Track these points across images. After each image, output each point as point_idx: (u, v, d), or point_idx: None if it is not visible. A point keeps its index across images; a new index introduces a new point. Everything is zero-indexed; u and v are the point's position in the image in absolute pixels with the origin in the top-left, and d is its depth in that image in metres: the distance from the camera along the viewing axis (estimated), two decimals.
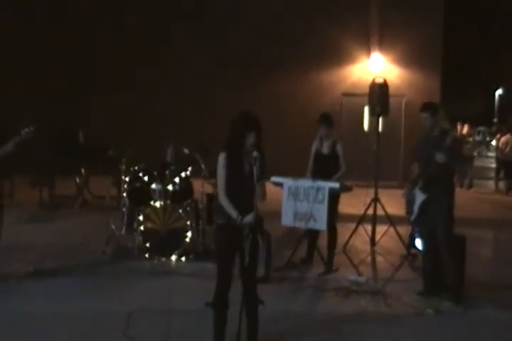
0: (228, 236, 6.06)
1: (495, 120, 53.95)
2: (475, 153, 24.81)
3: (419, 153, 8.53)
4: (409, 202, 8.48)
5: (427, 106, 8.49)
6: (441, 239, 8.11)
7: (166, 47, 20.39)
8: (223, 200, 6.07)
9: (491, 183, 22.75)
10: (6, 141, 8.35)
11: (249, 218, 5.88)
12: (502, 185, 21.78)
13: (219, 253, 6.28)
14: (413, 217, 8.45)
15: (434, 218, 8.17)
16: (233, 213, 5.96)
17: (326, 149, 9.75)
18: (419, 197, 8.24)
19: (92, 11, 20.28)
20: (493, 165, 23.45)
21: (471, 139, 23.24)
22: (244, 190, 5.97)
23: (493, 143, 25.27)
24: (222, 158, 6.08)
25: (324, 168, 9.63)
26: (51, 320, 7.22)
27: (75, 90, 19.94)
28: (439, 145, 8.08)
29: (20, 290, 8.28)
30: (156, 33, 20.41)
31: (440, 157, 7.99)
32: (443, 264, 8.17)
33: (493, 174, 23.06)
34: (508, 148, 21.10)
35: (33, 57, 19.84)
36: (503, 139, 21.49)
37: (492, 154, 24.60)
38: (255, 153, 5.94)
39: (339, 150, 9.69)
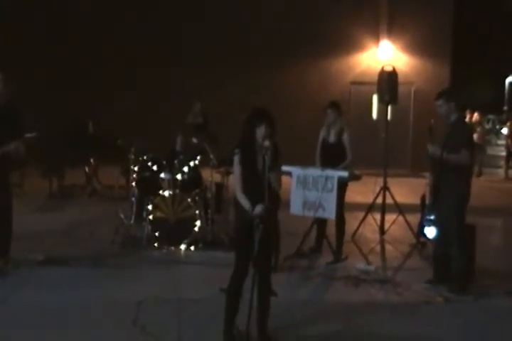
0: (245, 227, 6.13)
1: (505, 108, 53.82)
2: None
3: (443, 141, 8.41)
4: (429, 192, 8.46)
5: (440, 94, 8.42)
6: (453, 228, 8.09)
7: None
8: (239, 195, 6.17)
9: (501, 171, 22.69)
10: (21, 131, 8.45)
11: (258, 209, 5.94)
12: None
13: (237, 243, 6.41)
14: (429, 207, 8.43)
15: (447, 207, 8.14)
16: (246, 205, 6.06)
17: (332, 137, 9.72)
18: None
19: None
20: (503, 154, 23.37)
21: (480, 128, 23.15)
22: (259, 184, 6.01)
23: (503, 131, 25.17)
24: (236, 155, 6.19)
25: (331, 156, 9.61)
26: (62, 309, 7.24)
27: (87, 81, 19.95)
28: (460, 135, 8.03)
29: (32, 280, 8.30)
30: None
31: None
32: (451, 254, 8.16)
33: (502, 162, 23.00)
34: None
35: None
36: None
37: (502, 142, 24.51)
38: (267, 143, 5.97)
39: (346, 138, 9.65)
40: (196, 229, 10.01)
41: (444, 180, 8.11)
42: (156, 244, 9.94)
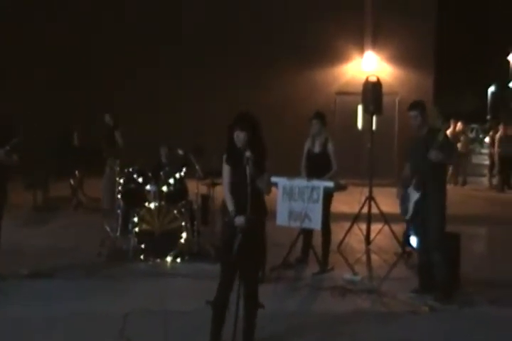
0: (230, 235, 6.13)
1: (488, 117, 54.25)
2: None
3: (410, 153, 8.56)
4: (403, 202, 8.50)
5: (415, 105, 8.51)
6: (433, 238, 8.14)
7: (166, 49, 20.44)
8: (226, 197, 6.22)
9: (485, 180, 22.81)
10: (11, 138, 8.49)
11: (240, 220, 5.99)
12: (496, 181, 21.78)
13: (222, 252, 6.41)
14: (408, 216, 8.46)
15: (426, 217, 8.19)
16: (230, 207, 6.12)
17: (317, 148, 9.77)
18: (414, 196, 8.25)
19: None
20: (487, 162, 23.48)
21: (463, 137, 23.29)
22: (242, 190, 6.03)
23: (486, 140, 25.36)
24: (223, 159, 6.28)
25: (316, 167, 9.66)
26: (47, 322, 7.22)
27: (75, 90, 19.96)
28: (430, 143, 8.08)
29: (16, 293, 8.28)
30: (156, 33, 20.48)
31: (434, 154, 8.01)
32: (433, 261, 8.21)
33: (486, 171, 23.11)
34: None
35: (34, 55, 19.87)
36: (497, 136, 21.54)
37: (485, 151, 24.68)
38: (248, 153, 5.99)
39: (330, 149, 9.70)
40: (182, 241, 10.01)
41: (427, 189, 8.17)
42: (142, 257, 9.93)
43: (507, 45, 53.02)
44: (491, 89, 61.41)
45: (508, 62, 56.56)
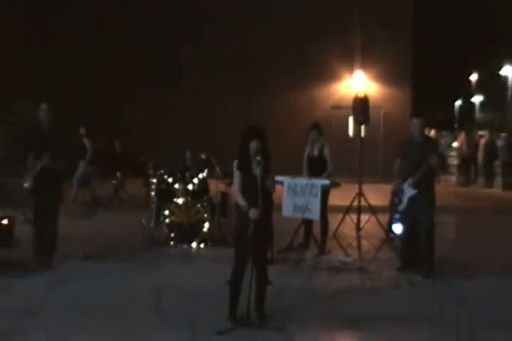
0: (243, 225, 6.17)
1: (455, 126, 55.04)
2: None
3: (405, 153, 8.45)
4: (396, 195, 8.47)
5: (420, 115, 8.49)
6: (425, 225, 8.15)
7: (188, 74, 20.37)
8: (238, 196, 6.25)
9: (454, 178, 22.78)
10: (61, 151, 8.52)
11: (254, 212, 6.01)
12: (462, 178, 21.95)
13: (236, 238, 6.43)
14: (401, 207, 8.43)
15: (421, 209, 8.17)
16: (242, 203, 6.13)
17: (315, 152, 9.80)
18: (409, 192, 8.23)
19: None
20: (455, 163, 23.56)
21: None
22: (253, 188, 6.08)
23: (454, 144, 25.58)
24: (234, 164, 6.29)
25: (315, 168, 9.67)
26: (100, 297, 7.29)
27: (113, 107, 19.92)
28: (427, 150, 8.07)
29: (73, 273, 8.35)
30: (171, 55, 20.41)
31: (434, 161, 8.02)
32: (420, 246, 8.18)
33: (455, 170, 23.16)
34: (464, 147, 21.62)
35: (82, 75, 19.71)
36: (461, 141, 22.04)
37: (453, 154, 24.87)
38: (258, 158, 6.02)
39: (326, 152, 9.71)
40: (205, 230, 10.02)
41: (422, 187, 8.16)
42: (172, 243, 9.96)
43: (471, 67, 53.82)
44: (458, 102, 62.26)
45: (471, 81, 57.39)
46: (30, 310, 6.76)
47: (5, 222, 9.47)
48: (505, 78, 43.12)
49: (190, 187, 10.51)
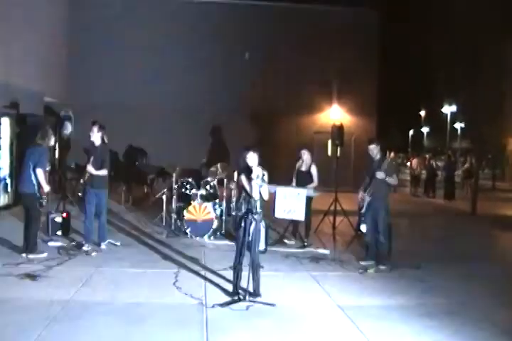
0: (241, 224, 6.20)
1: (409, 149, 56.40)
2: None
3: (367, 171, 8.49)
4: (361, 202, 8.48)
5: (375, 140, 8.51)
6: (380, 225, 8.13)
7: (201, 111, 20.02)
8: (239, 202, 6.34)
9: (407, 189, 22.90)
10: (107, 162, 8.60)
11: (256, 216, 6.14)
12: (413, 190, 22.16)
13: (237, 234, 6.42)
14: (363, 211, 8.44)
15: (376, 212, 8.18)
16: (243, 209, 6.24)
17: (304, 167, 9.77)
18: (367, 199, 8.25)
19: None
20: (408, 178, 24.09)
21: (394, 162, 23.81)
22: (250, 193, 6.12)
23: (408, 164, 26.10)
24: (236, 175, 6.31)
25: (303, 180, 9.65)
26: (132, 275, 7.29)
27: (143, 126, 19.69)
28: (380, 166, 8.10)
29: (113, 256, 8.32)
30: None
31: (380, 175, 8.02)
32: (379, 241, 8.17)
33: (408, 184, 23.43)
34: (416, 167, 22.56)
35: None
36: (414, 162, 22.57)
37: (407, 171, 25.36)
38: (259, 170, 6.07)
39: (313, 169, 9.70)
40: (214, 226, 9.98)
41: (376, 195, 8.15)
42: (188, 235, 9.92)
43: (420, 105, 55.75)
44: (411, 132, 63.58)
45: (420, 115, 58.75)
46: (83, 280, 6.87)
47: (64, 215, 9.55)
48: (445, 115, 44.09)
49: (203, 192, 10.49)
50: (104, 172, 8.54)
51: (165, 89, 19.69)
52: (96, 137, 8.63)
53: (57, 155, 12.32)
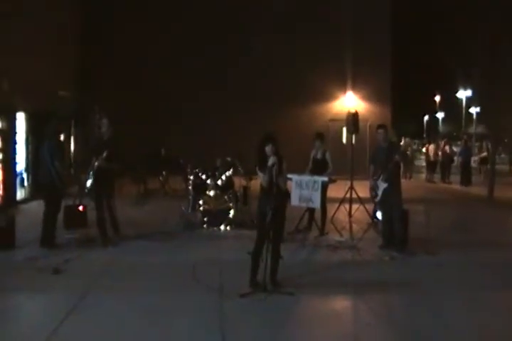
0: (261, 214, 6.17)
1: (424, 135, 55.90)
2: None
3: (376, 158, 8.43)
4: (372, 190, 8.40)
5: (382, 126, 8.44)
6: (396, 212, 8.05)
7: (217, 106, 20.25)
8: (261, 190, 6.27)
9: (423, 176, 22.66)
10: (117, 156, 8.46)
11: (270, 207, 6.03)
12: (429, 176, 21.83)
13: (257, 223, 6.37)
14: (378, 199, 8.35)
15: (392, 199, 8.10)
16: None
17: (319, 155, 9.70)
18: (382, 186, 8.16)
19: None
20: (424, 164, 23.56)
21: (409, 148, 23.61)
22: (269, 183, 6.09)
23: (423, 150, 25.77)
24: (257, 168, 6.27)
25: (318, 168, 9.58)
26: (148, 266, 7.30)
27: (159, 121, 19.88)
28: (393, 151, 8.01)
29: (128, 247, 8.37)
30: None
31: (397, 158, 8.00)
32: (395, 228, 8.09)
33: (423, 170, 23.11)
34: (432, 153, 21.81)
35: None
36: (430, 148, 22.18)
37: (423, 157, 24.96)
38: (273, 159, 5.98)
39: (328, 156, 9.63)
40: (230, 216, 9.96)
41: (391, 181, 8.08)
42: (205, 226, 9.91)
43: (435, 90, 54.87)
44: (426, 117, 62.97)
45: (435, 101, 58.12)
46: (101, 271, 6.94)
47: (81, 208, 9.58)
48: (460, 99, 43.65)
49: (219, 182, 10.46)
50: (113, 165, 8.48)
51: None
52: (107, 130, 8.61)
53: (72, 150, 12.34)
